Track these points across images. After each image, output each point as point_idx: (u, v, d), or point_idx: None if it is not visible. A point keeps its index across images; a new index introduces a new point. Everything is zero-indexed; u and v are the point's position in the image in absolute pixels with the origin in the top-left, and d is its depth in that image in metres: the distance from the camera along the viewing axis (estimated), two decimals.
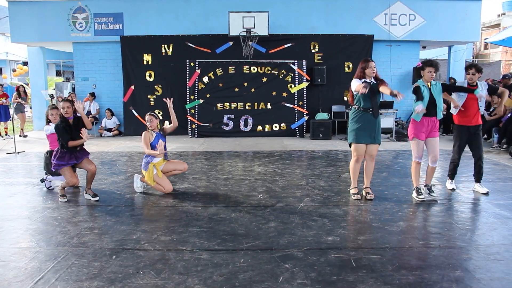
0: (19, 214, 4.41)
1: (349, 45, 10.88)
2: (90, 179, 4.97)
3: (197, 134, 10.47)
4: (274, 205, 4.65)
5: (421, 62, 4.83)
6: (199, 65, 10.36)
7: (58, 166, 4.83)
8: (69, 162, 4.83)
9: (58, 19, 10.96)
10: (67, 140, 4.71)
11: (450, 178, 5.29)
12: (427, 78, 4.66)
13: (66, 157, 4.82)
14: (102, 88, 11.46)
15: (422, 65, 4.76)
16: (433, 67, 4.63)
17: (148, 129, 5.16)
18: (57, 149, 4.87)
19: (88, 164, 4.94)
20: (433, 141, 4.78)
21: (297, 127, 10.55)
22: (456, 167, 5.20)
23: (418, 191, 4.83)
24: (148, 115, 5.18)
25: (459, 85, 5.19)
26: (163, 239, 3.66)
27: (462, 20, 11.04)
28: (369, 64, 4.61)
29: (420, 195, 4.79)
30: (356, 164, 4.84)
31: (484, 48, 23.90)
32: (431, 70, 4.63)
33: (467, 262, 3.19)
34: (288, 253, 3.35)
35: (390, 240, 3.65)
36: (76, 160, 4.88)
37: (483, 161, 5.08)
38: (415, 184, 4.89)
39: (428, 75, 4.65)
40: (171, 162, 5.38)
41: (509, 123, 8.30)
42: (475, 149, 5.05)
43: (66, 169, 4.84)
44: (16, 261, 3.23)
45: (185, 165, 5.45)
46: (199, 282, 2.87)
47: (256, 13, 9.83)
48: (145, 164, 5.17)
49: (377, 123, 4.72)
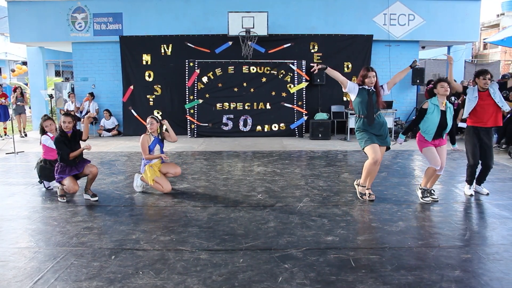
0: (18, 214, 4.41)
1: (348, 45, 10.89)
2: (91, 180, 4.99)
3: (196, 134, 10.47)
4: (274, 205, 4.65)
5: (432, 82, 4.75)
6: (198, 65, 10.36)
7: (61, 178, 4.88)
8: (70, 173, 4.88)
9: (57, 19, 10.95)
10: (67, 153, 4.76)
11: (468, 183, 5.09)
12: (442, 92, 4.51)
13: (67, 170, 4.87)
14: (101, 88, 11.45)
15: (434, 84, 4.63)
16: (444, 82, 4.52)
17: (147, 132, 5.18)
18: (58, 164, 4.92)
19: (90, 168, 4.96)
20: (441, 150, 4.66)
21: (297, 127, 10.56)
22: (474, 173, 5.01)
23: (423, 192, 4.76)
24: (150, 118, 5.21)
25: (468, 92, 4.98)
26: (163, 239, 3.66)
27: (461, 20, 11.05)
28: (368, 74, 4.62)
29: (426, 198, 4.73)
30: (373, 166, 4.67)
31: (483, 48, 23.93)
32: (443, 85, 4.50)
33: (466, 262, 3.19)
34: (287, 253, 3.35)
35: (389, 240, 3.65)
36: (78, 171, 4.92)
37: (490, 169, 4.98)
38: (423, 185, 4.79)
39: (442, 90, 4.51)
40: (166, 165, 5.39)
41: (508, 123, 8.31)
42: (485, 158, 4.92)
43: (68, 178, 4.87)
44: (15, 261, 3.23)
45: (178, 170, 5.43)
46: (198, 282, 2.87)
47: (255, 13, 9.83)
48: (142, 166, 5.27)
49: (381, 126, 4.68)
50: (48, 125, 5.35)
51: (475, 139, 4.92)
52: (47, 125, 5.35)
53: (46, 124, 5.36)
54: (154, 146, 5.17)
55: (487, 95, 4.86)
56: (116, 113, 11.29)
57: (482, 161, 4.98)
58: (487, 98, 4.84)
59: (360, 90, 4.68)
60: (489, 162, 4.91)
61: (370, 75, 4.61)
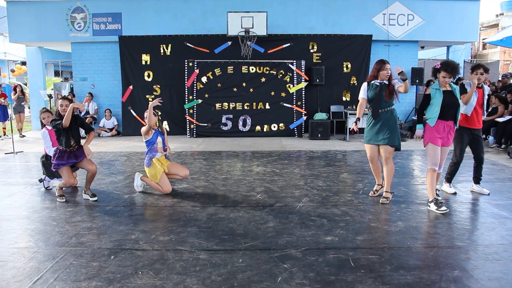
0: (18, 214, 4.40)
1: (347, 45, 10.89)
2: (90, 179, 4.97)
3: (195, 134, 10.47)
4: (273, 205, 4.65)
5: (440, 63, 4.54)
6: (197, 65, 10.36)
7: (57, 166, 4.82)
8: (68, 161, 4.82)
9: (56, 19, 10.95)
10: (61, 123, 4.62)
11: (447, 181, 5.08)
12: (441, 82, 4.37)
13: (66, 156, 4.81)
14: (100, 88, 11.45)
15: (440, 67, 4.39)
16: (448, 73, 4.29)
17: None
18: (56, 149, 4.87)
19: (89, 164, 4.93)
20: (444, 150, 4.51)
21: (296, 127, 10.56)
22: (456, 170, 4.99)
23: (436, 203, 4.31)
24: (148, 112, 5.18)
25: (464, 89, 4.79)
26: (162, 239, 3.66)
27: (461, 20, 11.07)
28: (385, 65, 4.55)
29: (441, 207, 4.26)
30: (371, 164, 4.90)
31: (482, 48, 23.93)
32: (446, 76, 4.30)
33: (465, 262, 3.19)
34: (286, 253, 3.35)
35: (389, 240, 3.66)
36: (76, 159, 4.86)
37: (483, 163, 5.01)
38: (431, 196, 4.38)
39: (442, 80, 4.35)
40: (174, 165, 5.35)
41: (508, 122, 8.31)
42: (478, 152, 4.92)
43: (65, 169, 4.83)
44: (15, 261, 3.23)
45: (187, 172, 5.39)
46: (198, 282, 2.87)
47: (254, 13, 9.84)
48: (148, 160, 5.17)
49: (386, 124, 4.58)
50: (45, 117, 5.30)
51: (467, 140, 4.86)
52: (44, 117, 5.31)
53: (43, 116, 5.33)
54: (156, 138, 5.16)
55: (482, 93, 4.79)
56: (116, 113, 11.29)
57: (474, 155, 4.95)
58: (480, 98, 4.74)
59: (369, 86, 4.68)
60: (481, 154, 4.90)
61: (387, 67, 4.54)
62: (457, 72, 4.36)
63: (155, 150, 5.19)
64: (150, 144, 5.15)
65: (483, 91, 4.84)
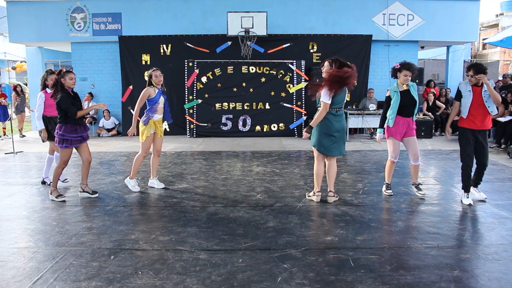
0: (18, 214, 4.41)
1: (347, 45, 10.88)
2: (86, 172, 4.97)
3: (195, 134, 10.46)
4: (273, 205, 4.65)
5: (399, 63, 4.96)
6: (197, 65, 10.35)
7: (69, 144, 4.73)
8: (82, 134, 4.83)
9: (56, 19, 10.93)
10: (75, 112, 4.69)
11: (465, 191, 4.67)
12: (402, 81, 4.79)
13: (79, 129, 4.79)
14: (100, 88, 11.43)
15: (400, 66, 4.83)
16: (410, 72, 4.73)
17: (152, 85, 5.18)
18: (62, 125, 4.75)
19: (86, 152, 4.93)
20: (411, 140, 4.83)
21: (296, 127, 10.56)
22: (466, 175, 4.63)
23: (387, 186, 5.06)
24: (156, 70, 5.19)
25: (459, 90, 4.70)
26: (162, 239, 3.66)
27: (461, 20, 11.06)
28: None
29: (388, 190, 5.02)
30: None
31: (482, 48, 23.93)
32: (407, 74, 4.74)
33: (465, 262, 3.19)
34: (286, 253, 3.35)
35: (389, 240, 3.66)
36: (85, 131, 4.91)
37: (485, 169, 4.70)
38: (386, 180, 5.07)
39: (404, 78, 4.76)
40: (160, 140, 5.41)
41: (508, 122, 8.31)
42: (480, 157, 4.61)
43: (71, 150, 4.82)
44: (15, 261, 3.23)
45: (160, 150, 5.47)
46: (198, 282, 2.87)
47: (254, 13, 9.82)
48: (146, 118, 5.23)
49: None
50: (53, 78, 5.06)
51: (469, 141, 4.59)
52: (52, 79, 5.14)
53: (52, 77, 5.22)
54: (159, 97, 5.21)
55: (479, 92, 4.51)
56: (115, 113, 11.27)
57: (477, 159, 4.68)
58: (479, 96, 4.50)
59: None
60: (483, 160, 4.61)
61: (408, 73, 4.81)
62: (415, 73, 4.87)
63: (155, 110, 5.23)
64: (152, 103, 5.19)
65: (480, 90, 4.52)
